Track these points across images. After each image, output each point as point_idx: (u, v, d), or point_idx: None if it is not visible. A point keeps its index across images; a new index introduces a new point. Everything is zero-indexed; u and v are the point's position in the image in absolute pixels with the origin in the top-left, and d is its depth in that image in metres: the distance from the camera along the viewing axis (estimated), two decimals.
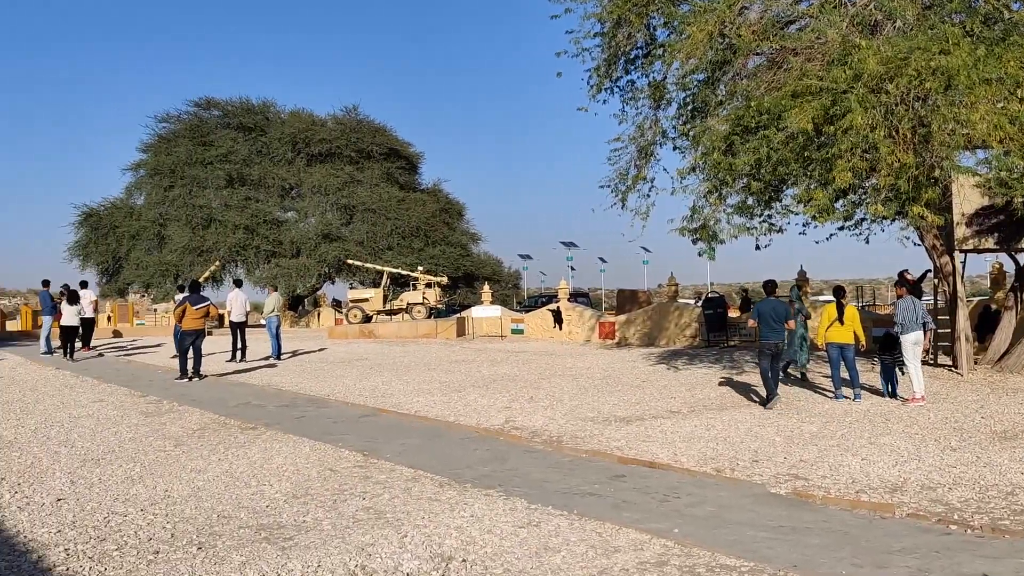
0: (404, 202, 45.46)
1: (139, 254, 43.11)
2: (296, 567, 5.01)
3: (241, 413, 11.28)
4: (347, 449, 8.69)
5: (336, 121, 47.25)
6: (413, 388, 13.96)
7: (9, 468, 7.93)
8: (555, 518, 6.08)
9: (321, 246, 43.05)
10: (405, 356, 20.37)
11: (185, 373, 15.19)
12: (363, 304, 38.43)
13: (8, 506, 6.51)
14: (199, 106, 47.15)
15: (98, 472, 7.71)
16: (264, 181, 44.75)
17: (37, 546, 5.47)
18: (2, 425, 10.43)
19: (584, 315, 26.60)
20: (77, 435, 9.71)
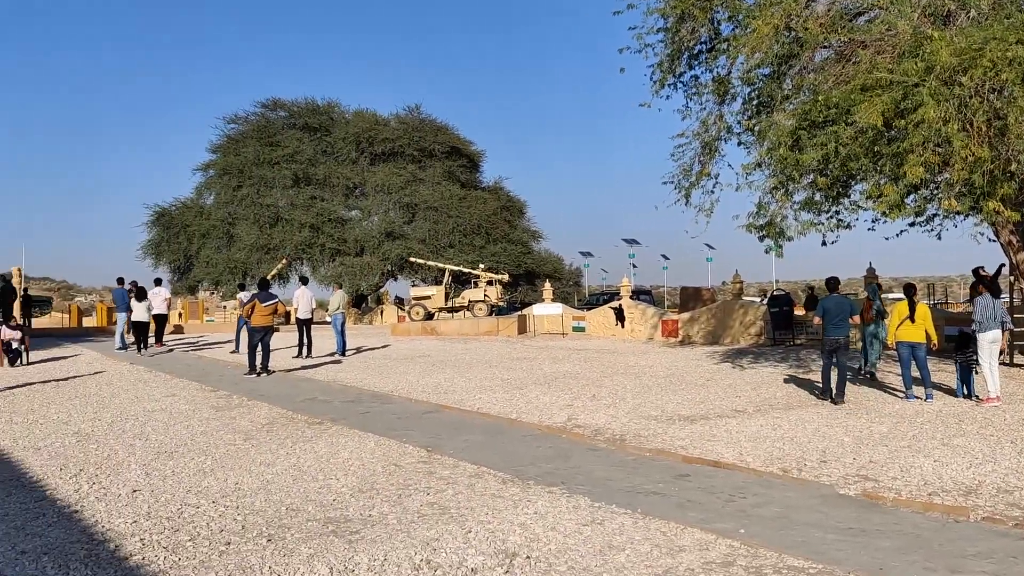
0: (465, 200, 45.71)
1: (209, 252, 44.15)
2: (363, 560, 5.09)
3: (308, 408, 11.48)
4: (411, 445, 8.78)
5: (399, 120, 47.74)
6: (475, 385, 14.04)
7: (87, 459, 8.21)
8: (619, 516, 6.06)
9: (384, 244, 43.55)
10: (467, 353, 20.49)
11: (254, 369, 15.52)
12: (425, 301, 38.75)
13: (87, 496, 6.74)
14: (266, 107, 48.11)
15: (171, 464, 7.93)
16: (329, 180, 45.44)
17: (114, 535, 5.65)
18: (80, 418, 10.80)
19: (647, 313, 26.41)
20: (151, 428, 10.00)
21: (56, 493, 6.84)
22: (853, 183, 12.67)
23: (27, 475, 7.52)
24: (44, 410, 11.49)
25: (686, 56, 15.22)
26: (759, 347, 21.15)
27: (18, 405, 11.97)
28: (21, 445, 8.97)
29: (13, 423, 10.41)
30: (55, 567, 5.00)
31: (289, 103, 47.98)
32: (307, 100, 47.98)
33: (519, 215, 50.47)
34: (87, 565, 5.04)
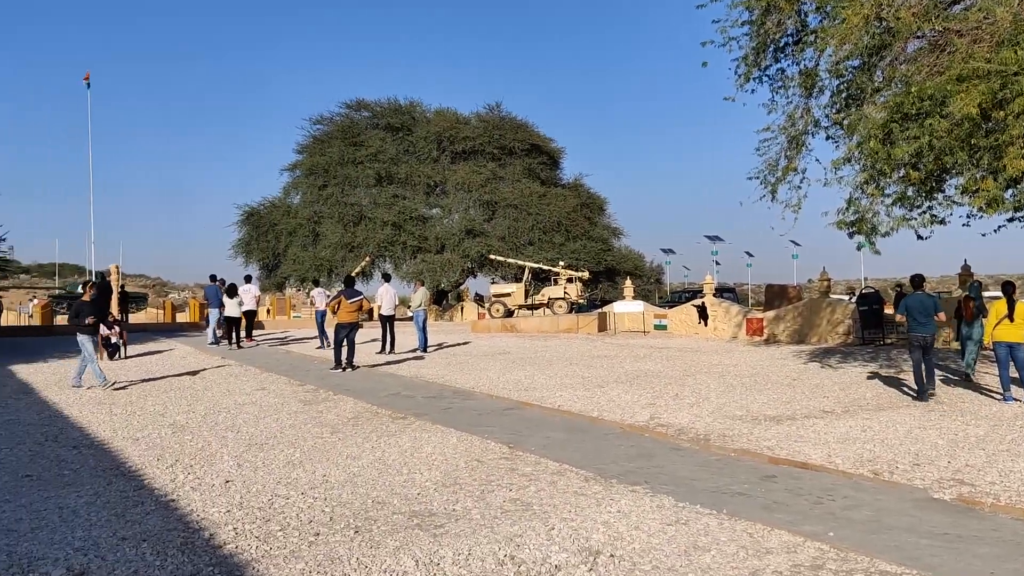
0: (545, 197, 45.73)
1: (296, 250, 45.22)
2: (447, 554, 5.14)
3: (391, 403, 11.66)
4: (493, 441, 8.84)
5: (479, 119, 48.05)
6: (556, 383, 14.04)
7: (182, 450, 8.51)
8: (704, 517, 5.99)
9: (464, 242, 43.91)
10: (547, 351, 20.50)
11: (339, 364, 15.85)
12: (505, 299, 38.92)
13: (183, 486, 6.98)
14: (350, 108, 49.03)
15: (262, 456, 8.16)
16: (411, 179, 46.04)
17: (209, 524, 5.85)
18: (175, 410, 11.20)
19: (730, 311, 25.99)
20: (242, 421, 10.31)
21: (153, 482, 7.10)
22: (948, 177, 12.22)
23: (126, 464, 7.84)
24: (141, 402, 11.95)
25: (772, 49, 14.90)
26: (847, 346, 20.59)
27: (117, 397, 12.49)
28: (120, 436, 9.35)
29: (113, 414, 10.86)
30: (154, 553, 5.19)
31: (372, 103, 48.81)
32: (390, 100, 48.76)
33: (599, 212, 50.26)
34: (184, 552, 5.23)
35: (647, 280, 55.45)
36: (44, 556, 5.15)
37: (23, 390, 13.39)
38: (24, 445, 8.79)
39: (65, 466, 7.76)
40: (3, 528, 5.75)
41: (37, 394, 12.90)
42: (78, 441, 9.03)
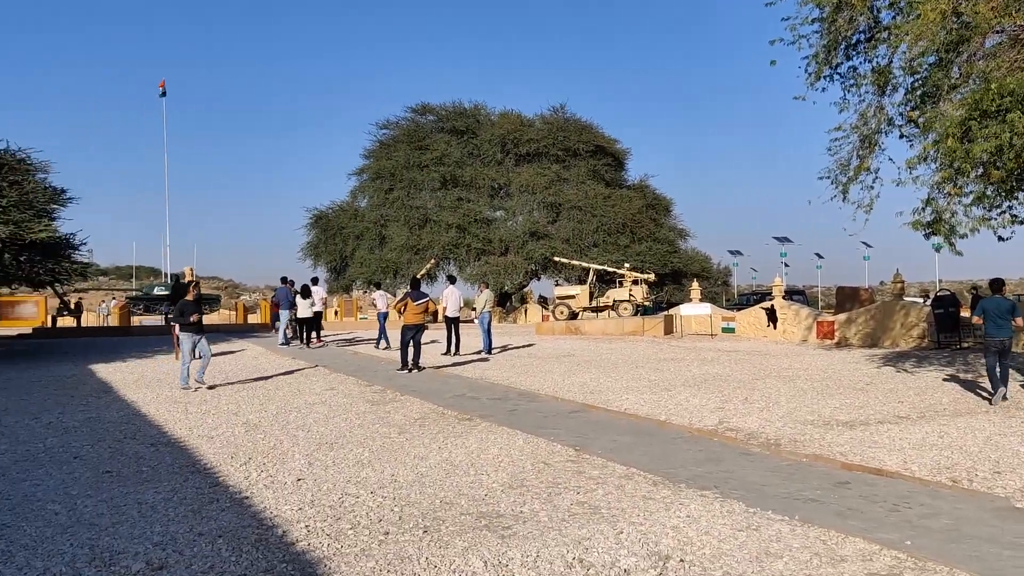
0: (610, 199, 45.55)
1: (363, 253, 45.88)
2: (516, 556, 5.15)
3: (457, 404, 11.73)
4: (559, 443, 8.82)
5: (544, 121, 48.10)
6: (621, 385, 13.95)
7: (255, 449, 8.69)
8: (776, 523, 5.88)
9: (528, 244, 43.98)
10: (612, 353, 20.39)
11: (406, 365, 16.01)
12: (569, 301, 38.84)
13: (255, 483, 7.13)
14: (416, 112, 49.55)
15: (332, 455, 8.29)
16: (475, 182, 46.32)
17: (282, 522, 5.96)
18: (248, 409, 11.45)
19: (800, 314, 25.50)
20: (312, 420, 10.49)
21: (228, 480, 7.27)
22: None
23: (201, 462, 8.04)
24: (215, 401, 12.25)
25: (843, 46, 14.59)
26: (922, 350, 20.03)
27: (192, 396, 12.82)
28: (195, 434, 9.59)
29: (188, 413, 11.15)
30: (229, 549, 5.31)
31: (437, 107, 49.25)
32: (455, 104, 49.14)
33: (665, 213, 49.88)
34: (258, 548, 5.33)
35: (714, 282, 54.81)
36: (124, 550, 5.31)
37: (103, 389, 13.84)
38: (104, 442, 9.08)
39: (143, 463, 7.99)
40: (86, 522, 5.94)
41: (116, 392, 13.32)
42: (155, 439, 9.29)
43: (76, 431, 9.79)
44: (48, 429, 9.94)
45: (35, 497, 6.66)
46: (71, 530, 5.74)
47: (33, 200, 19.89)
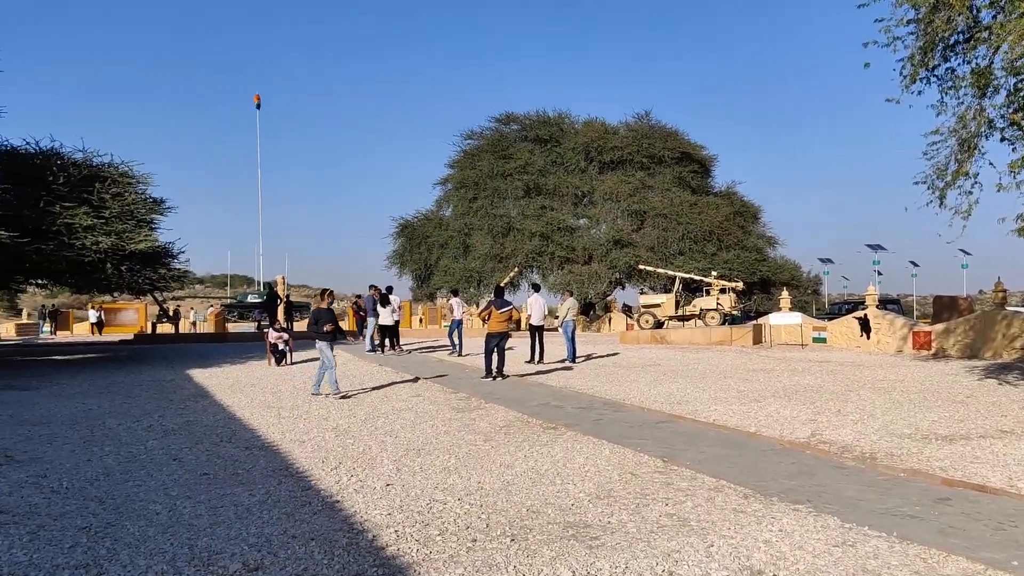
0: (696, 206, 44.96)
1: (447, 261, 46.37)
2: (604, 567, 5.10)
3: (542, 413, 11.72)
4: (646, 454, 8.72)
5: (628, 128, 47.86)
6: (709, 396, 13.72)
7: (345, 453, 8.84)
8: (872, 539, 5.68)
9: (612, 252, 43.75)
10: (699, 363, 20.08)
11: (490, 372, 16.08)
12: (655, 309, 38.46)
13: (346, 488, 7.25)
14: (500, 121, 49.94)
15: (419, 461, 8.37)
16: (558, 190, 46.34)
17: (371, 526, 6.04)
18: (337, 415, 11.67)
19: (895, 323, 24.66)
20: (399, 426, 10.62)
21: (319, 484, 7.41)
22: None
23: (294, 466, 8.22)
24: (306, 407, 12.52)
25: (940, 48, 14.06)
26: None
27: (284, 401, 13.14)
28: (288, 438, 9.82)
29: (281, 418, 11.43)
30: (321, 552, 5.41)
31: (521, 116, 49.51)
32: (539, 113, 49.31)
33: (753, 220, 48.94)
34: (349, 552, 5.42)
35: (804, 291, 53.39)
36: (222, 550, 5.46)
37: (199, 393, 14.30)
38: (202, 445, 9.37)
39: (239, 466, 8.22)
40: (185, 523, 6.13)
41: (212, 397, 13.75)
42: (250, 442, 9.55)
43: (175, 434, 10.13)
44: (149, 432, 10.32)
45: (137, 497, 6.91)
46: (171, 530, 5.93)
47: (135, 211, 20.76)
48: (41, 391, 14.73)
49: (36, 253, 18.27)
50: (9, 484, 7.37)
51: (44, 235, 18.36)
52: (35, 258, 18.58)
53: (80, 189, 19.98)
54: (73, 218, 18.81)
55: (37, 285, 26.11)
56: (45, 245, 18.23)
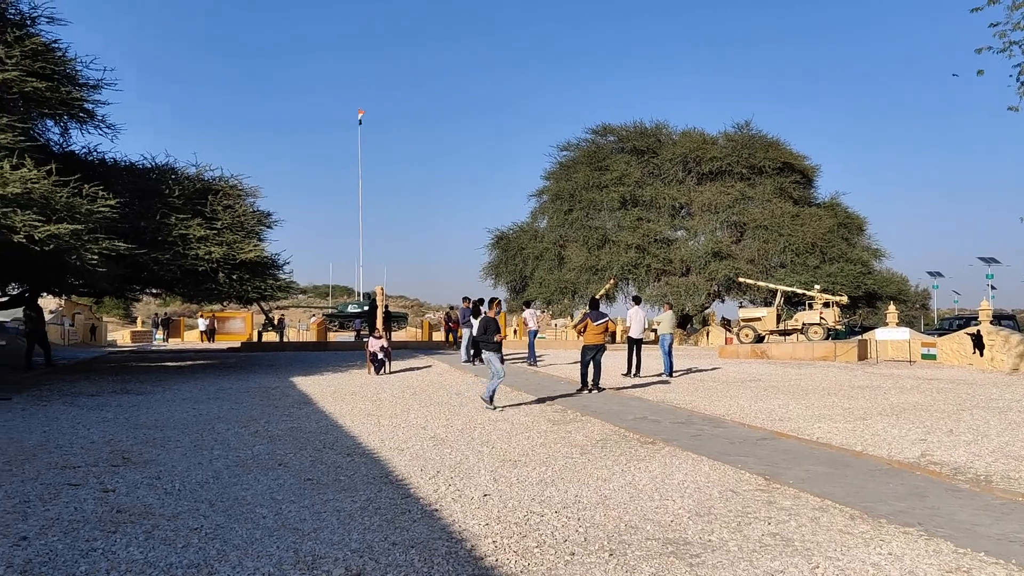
0: (798, 218, 43.89)
1: (542, 273, 46.48)
2: None
3: (639, 427, 11.61)
4: (747, 471, 8.53)
5: (727, 138, 47.14)
6: (813, 413, 13.34)
7: (443, 463, 8.95)
8: (989, 566, 5.42)
9: (711, 264, 43.07)
10: (801, 379, 19.55)
11: (586, 385, 16.02)
12: (755, 323, 37.65)
13: (444, 497, 7.34)
14: (596, 133, 49.89)
15: (516, 472, 8.40)
16: (655, 201, 45.94)
17: (470, 536, 6.09)
18: (435, 424, 11.83)
19: (1010, 340, 23.48)
20: (496, 437, 10.69)
21: (418, 492, 7.52)
22: None
23: (393, 473, 8.36)
24: (405, 415, 12.74)
25: None
26: None
27: (384, 409, 13.40)
28: (387, 446, 10.01)
29: (381, 426, 11.66)
30: (421, 560, 5.49)
31: (618, 128, 49.35)
32: (635, 123, 49.06)
33: (858, 232, 47.42)
34: (448, 561, 5.48)
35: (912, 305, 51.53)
36: (325, 555, 5.60)
37: (303, 400, 14.71)
38: (306, 451, 9.63)
39: (341, 472, 8.41)
40: (290, 526, 6.31)
41: (315, 404, 14.12)
42: (351, 449, 9.76)
43: (280, 440, 10.45)
44: (255, 437, 10.67)
45: (245, 501, 7.15)
46: (277, 533, 6.12)
47: (244, 223, 21.57)
48: (155, 396, 15.40)
49: (153, 263, 19.16)
50: (126, 485, 7.73)
51: (160, 246, 19.25)
52: (151, 268, 19.48)
53: (193, 202, 20.90)
54: (187, 229, 19.68)
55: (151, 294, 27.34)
56: (161, 255, 19.12)
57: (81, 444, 9.97)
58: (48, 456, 9.14)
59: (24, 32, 17.78)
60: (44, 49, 17.84)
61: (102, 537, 5.94)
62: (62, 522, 6.33)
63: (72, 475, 8.14)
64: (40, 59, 17.46)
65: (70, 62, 18.76)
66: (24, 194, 14.82)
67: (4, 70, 16.45)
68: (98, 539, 5.89)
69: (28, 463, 8.71)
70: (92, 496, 7.22)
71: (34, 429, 11.11)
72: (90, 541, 5.84)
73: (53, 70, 17.90)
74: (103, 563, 5.37)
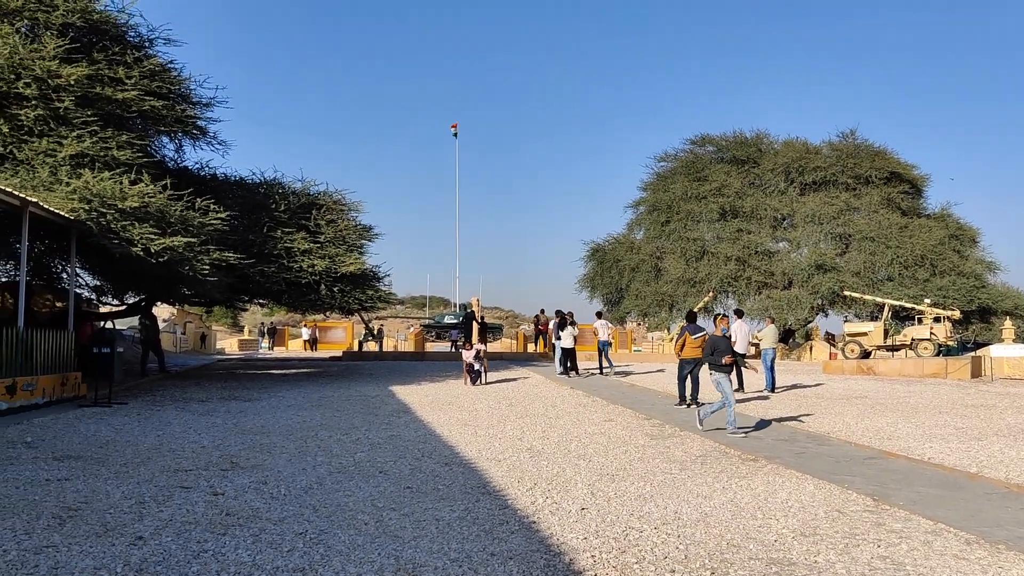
0: (907, 229, 42.31)
1: (638, 285, 46.08)
2: None
3: (740, 443, 11.36)
4: (854, 491, 8.24)
5: (831, 147, 45.89)
6: (923, 432, 12.80)
7: (539, 475, 8.95)
8: None
9: (814, 277, 41.90)
10: (910, 396, 18.80)
11: (684, 400, 15.79)
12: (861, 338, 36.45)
13: (541, 509, 7.33)
14: (695, 143, 49.30)
15: (613, 487, 8.33)
16: (756, 212, 45.03)
17: (568, 549, 6.06)
18: (531, 436, 11.85)
19: None
20: (592, 450, 10.63)
21: (515, 503, 7.54)
22: None
23: (491, 485, 8.40)
24: (501, 426, 12.80)
25: None
26: None
27: (480, 420, 13.50)
28: (484, 457, 10.07)
29: (477, 436, 11.75)
30: (520, 572, 5.49)
31: (717, 138, 48.63)
32: (735, 133, 48.28)
33: (971, 244, 45.36)
34: (546, 573, 5.46)
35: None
36: (425, 563, 5.67)
37: (402, 409, 14.96)
38: (405, 459, 9.78)
39: (439, 481, 8.51)
40: (391, 534, 6.41)
41: (413, 413, 14.34)
42: (449, 459, 9.86)
43: (380, 447, 10.64)
44: (357, 444, 10.89)
45: (347, 507, 7.30)
46: (378, 540, 6.22)
47: (346, 236, 22.14)
48: (260, 403, 15.91)
49: (259, 274, 19.86)
50: (234, 489, 8.00)
51: (266, 258, 19.95)
52: (258, 279, 20.19)
53: (298, 216, 21.59)
54: (292, 242, 20.34)
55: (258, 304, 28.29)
56: (267, 267, 19.80)
57: (192, 448, 10.38)
58: (161, 459, 9.55)
59: (143, 54, 18.71)
60: (161, 69, 18.75)
61: (212, 539, 6.15)
62: (175, 523, 6.59)
63: (184, 478, 8.47)
64: (157, 79, 18.36)
65: (185, 81, 19.67)
66: (142, 208, 15.59)
67: (124, 90, 17.36)
68: (208, 541, 6.10)
69: (143, 466, 9.11)
70: (203, 499, 7.50)
71: (148, 433, 11.63)
72: (201, 543, 6.06)
73: (169, 89, 18.79)
74: (213, 564, 5.56)
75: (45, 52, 16.25)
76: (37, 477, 8.32)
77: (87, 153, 16.30)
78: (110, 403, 14.93)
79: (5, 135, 15.92)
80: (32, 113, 16.01)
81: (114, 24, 18.49)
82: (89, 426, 12.21)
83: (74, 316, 17.52)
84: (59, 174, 15.67)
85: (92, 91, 16.90)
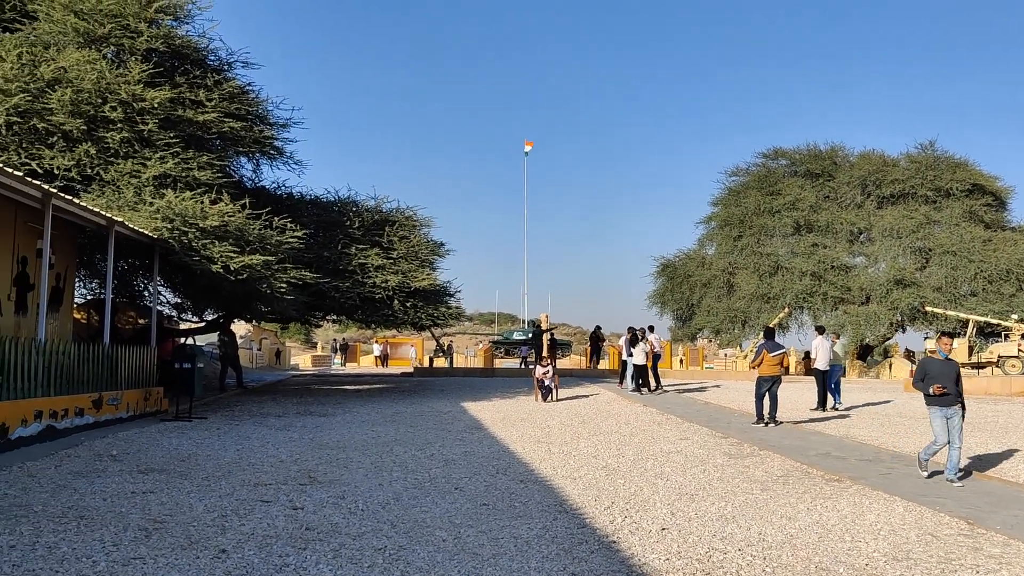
0: (990, 242, 40.78)
1: (710, 301, 45.35)
2: None
3: (822, 463, 11.04)
4: (946, 514, 7.92)
5: (910, 159, 44.58)
6: (1015, 453, 12.27)
7: (616, 494, 8.82)
8: None
9: (893, 292, 40.65)
10: (999, 415, 18.07)
11: (761, 418, 15.45)
12: None
13: (620, 528, 7.21)
14: (767, 157, 48.39)
15: (693, 507, 8.16)
16: (831, 227, 43.97)
17: (650, 570, 5.94)
18: (606, 454, 11.71)
19: None
20: (669, 469, 10.44)
21: (593, 522, 7.43)
22: None
23: (567, 503, 8.31)
24: (575, 443, 12.69)
25: None
26: None
27: (553, 437, 13.40)
28: (560, 474, 9.98)
29: (551, 453, 11.66)
30: None
31: (790, 151, 47.69)
32: (809, 146, 47.22)
33: None
34: None
35: None
36: None
37: (475, 425, 14.95)
38: (480, 476, 9.75)
39: (515, 498, 8.45)
40: (469, 551, 6.37)
41: (486, 430, 14.32)
42: (524, 476, 9.80)
43: (455, 463, 10.64)
44: (432, 460, 10.91)
45: (424, 523, 7.29)
46: (457, 557, 6.18)
47: (418, 252, 22.35)
48: (335, 418, 16.09)
49: (334, 291, 20.16)
50: (313, 503, 8.07)
51: (341, 274, 20.25)
52: (333, 295, 20.49)
53: (372, 233, 21.87)
54: (366, 259, 20.61)
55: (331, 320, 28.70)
56: (341, 283, 20.09)
57: (271, 462, 10.53)
58: (242, 473, 9.70)
59: (222, 76, 19.23)
60: (239, 92, 19.22)
61: (294, 553, 6.20)
62: (256, 537, 6.66)
63: (264, 492, 8.58)
64: (236, 101, 18.82)
65: (262, 103, 20.13)
66: (221, 227, 15.97)
67: (204, 112, 17.84)
68: (290, 555, 6.15)
69: (224, 479, 9.27)
70: (283, 513, 7.58)
71: (228, 447, 11.84)
72: (283, 556, 6.10)
73: (247, 111, 19.25)
74: None
75: (130, 77, 16.80)
76: (123, 489, 8.52)
77: (169, 174, 16.78)
78: (191, 417, 15.28)
79: (92, 157, 16.48)
80: (118, 136, 16.55)
81: (195, 48, 19.04)
82: (171, 440, 12.50)
83: (156, 332, 18.01)
84: (143, 194, 16.16)
85: (174, 113, 17.41)
